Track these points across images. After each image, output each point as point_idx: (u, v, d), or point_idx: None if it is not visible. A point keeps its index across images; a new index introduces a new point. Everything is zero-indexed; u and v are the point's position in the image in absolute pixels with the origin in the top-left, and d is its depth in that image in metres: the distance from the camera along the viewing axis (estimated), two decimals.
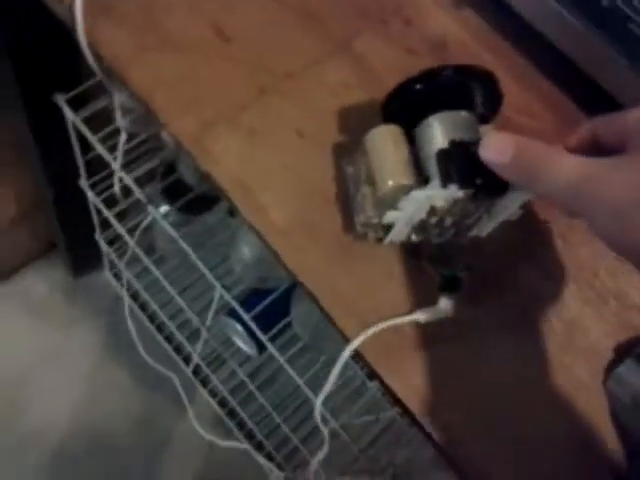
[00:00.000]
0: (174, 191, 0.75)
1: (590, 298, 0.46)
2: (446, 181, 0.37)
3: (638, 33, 0.45)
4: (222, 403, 1.08)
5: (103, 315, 1.17)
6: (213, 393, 1.10)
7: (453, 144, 0.38)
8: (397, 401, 0.41)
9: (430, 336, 0.43)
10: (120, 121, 0.59)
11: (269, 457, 1.04)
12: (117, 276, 1.09)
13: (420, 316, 0.42)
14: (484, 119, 0.41)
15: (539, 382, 0.43)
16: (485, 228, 0.42)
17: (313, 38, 0.50)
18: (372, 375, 0.42)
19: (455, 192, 0.37)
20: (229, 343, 0.93)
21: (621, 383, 0.42)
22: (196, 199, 0.73)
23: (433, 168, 0.38)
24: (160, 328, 1.14)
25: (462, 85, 0.39)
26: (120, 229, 0.83)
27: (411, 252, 0.44)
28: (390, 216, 0.40)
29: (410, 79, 0.39)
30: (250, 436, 1.07)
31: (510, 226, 0.43)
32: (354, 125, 0.47)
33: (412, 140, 0.40)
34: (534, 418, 0.42)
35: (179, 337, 1.00)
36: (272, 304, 0.69)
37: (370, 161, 0.40)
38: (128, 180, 0.66)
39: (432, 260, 0.43)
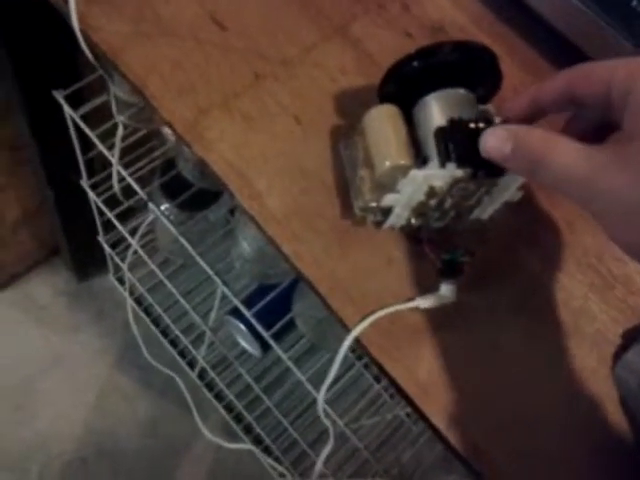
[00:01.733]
0: (174, 188, 0.75)
1: (596, 284, 0.44)
2: (444, 159, 0.36)
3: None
4: (228, 407, 1.06)
5: (108, 319, 1.17)
6: (219, 397, 1.09)
7: (451, 122, 0.37)
8: (400, 391, 0.40)
9: (432, 323, 0.41)
10: (117, 115, 0.58)
11: (277, 461, 1.03)
12: (121, 280, 1.09)
13: (421, 302, 0.41)
14: (484, 98, 0.40)
15: (547, 369, 0.42)
16: (486, 210, 0.41)
17: (309, 24, 0.49)
18: (373, 364, 0.41)
19: (454, 171, 0.36)
20: (234, 345, 0.92)
21: (629, 369, 0.41)
22: (196, 195, 0.72)
23: (431, 147, 0.37)
24: (165, 332, 1.14)
25: (461, 63, 0.38)
26: (122, 230, 0.83)
27: (411, 236, 0.43)
28: (388, 199, 0.39)
29: (407, 56, 0.38)
30: (258, 440, 1.06)
31: (513, 211, 0.41)
32: (352, 110, 0.46)
33: (411, 120, 0.39)
34: (543, 406, 0.41)
35: (184, 340, 0.99)
36: (274, 301, 0.68)
37: (367, 142, 0.39)
38: (126, 175, 0.66)
39: (433, 245, 0.42)
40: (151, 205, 0.67)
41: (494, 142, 0.34)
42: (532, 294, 0.43)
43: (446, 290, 0.41)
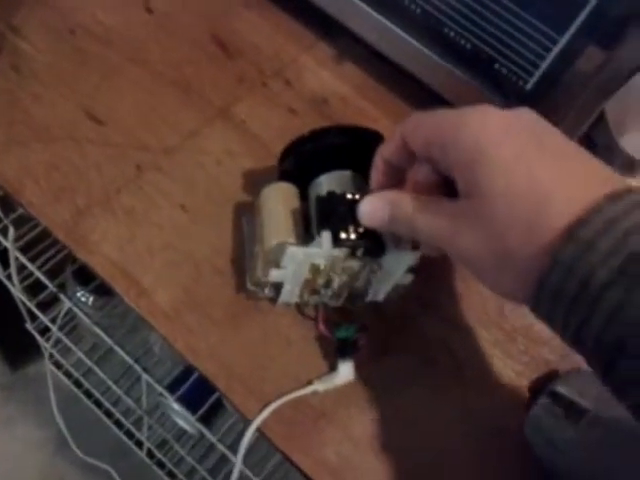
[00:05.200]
0: (88, 273, 0.73)
1: (498, 339, 0.44)
2: (320, 228, 0.36)
3: (505, 74, 0.45)
4: None
5: (47, 405, 1.12)
6: (171, 474, 1.05)
7: (330, 194, 0.37)
8: (306, 477, 0.39)
9: (334, 403, 0.41)
10: (4, 217, 0.57)
11: None
12: (58, 364, 1.05)
13: (319, 386, 0.40)
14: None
15: (453, 436, 0.41)
16: (379, 292, 0.41)
17: (191, 110, 0.49)
18: (281, 455, 0.39)
19: (331, 249, 0.36)
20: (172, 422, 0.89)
21: (536, 426, 0.41)
22: None
23: (313, 224, 0.37)
24: (108, 413, 1.10)
25: (349, 145, 0.39)
26: (43, 318, 0.80)
27: (306, 315, 0.43)
28: (273, 274, 0.38)
29: (298, 139, 0.39)
30: None
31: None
32: (242, 191, 0.46)
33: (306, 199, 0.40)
34: (458, 468, 0.40)
35: (125, 423, 0.95)
36: (199, 381, 0.66)
37: (261, 219, 0.39)
38: (33, 269, 0.64)
39: (327, 322, 0.41)
40: (63, 297, 0.65)
41: (371, 210, 0.34)
42: (436, 360, 0.43)
43: (344, 369, 0.40)
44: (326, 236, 0.36)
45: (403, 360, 0.43)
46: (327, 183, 0.38)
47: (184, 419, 0.80)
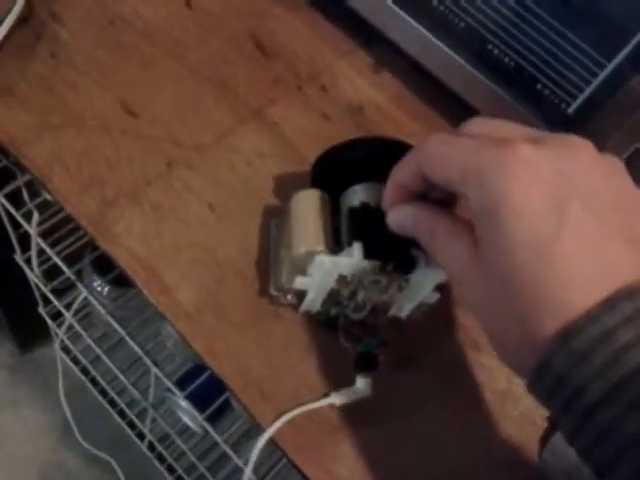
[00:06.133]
0: (106, 263, 0.72)
1: None
2: (352, 238, 0.36)
3: (547, 95, 0.44)
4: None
5: (53, 391, 1.12)
6: (171, 469, 1.05)
7: (365, 205, 0.36)
8: None
9: (349, 418, 0.40)
10: (29, 202, 0.57)
11: None
12: (67, 349, 1.05)
13: (336, 400, 0.39)
14: None
15: (477, 456, 0.40)
16: (403, 309, 0.40)
17: (225, 108, 0.49)
18: (292, 466, 0.39)
19: (361, 261, 0.35)
20: (179, 420, 0.89)
21: (556, 454, 0.40)
22: None
23: (345, 232, 0.37)
24: (113, 402, 1.10)
25: (390, 158, 0.39)
26: (57, 304, 0.80)
27: (328, 325, 0.42)
28: (299, 281, 0.38)
29: (336, 146, 0.39)
30: None
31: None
32: (270, 195, 0.46)
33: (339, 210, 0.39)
34: None
35: (129, 414, 0.95)
36: (210, 380, 0.65)
37: (290, 224, 0.39)
38: (52, 254, 0.64)
39: (348, 334, 0.41)
40: (79, 285, 0.64)
41: (396, 217, 0.33)
42: (453, 378, 0.42)
43: (361, 384, 0.39)
44: (357, 247, 0.35)
45: (421, 378, 0.42)
46: (362, 194, 0.38)
47: (189, 416, 0.80)
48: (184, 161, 0.46)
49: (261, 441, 0.39)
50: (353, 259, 0.35)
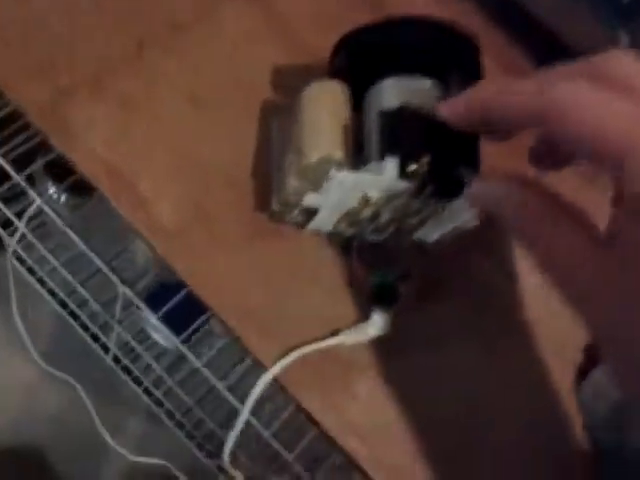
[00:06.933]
0: (63, 167, 0.63)
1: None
2: (385, 151, 0.28)
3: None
4: (148, 392, 0.98)
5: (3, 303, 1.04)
6: (138, 381, 1.01)
7: (404, 109, 0.28)
8: (331, 440, 0.33)
9: (365, 355, 0.34)
10: None
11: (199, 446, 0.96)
12: (21, 259, 0.97)
13: (347, 338, 0.33)
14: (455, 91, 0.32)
15: (504, 395, 0.36)
16: (432, 234, 0.33)
17: None
18: (298, 409, 0.33)
19: (394, 181, 0.28)
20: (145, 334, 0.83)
21: (596, 392, 0.35)
22: None
23: (374, 141, 0.29)
24: (73, 314, 1.04)
25: (435, 47, 0.30)
26: (8, 213, 0.71)
27: (340, 246, 0.35)
28: (311, 198, 0.31)
29: (362, 28, 0.30)
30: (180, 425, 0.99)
31: None
32: (266, 88, 0.37)
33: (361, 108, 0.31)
34: (506, 434, 0.35)
35: (92, 327, 0.89)
36: (187, 298, 0.59)
37: (301, 123, 0.31)
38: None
39: (363, 258, 0.34)
40: (31, 193, 0.56)
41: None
42: (484, 310, 0.37)
43: (378, 320, 0.33)
44: (391, 164, 0.28)
45: (448, 309, 0.36)
46: (396, 91, 0.29)
47: (161, 334, 0.74)
48: (158, 42, 0.37)
49: (262, 382, 0.33)
50: (383, 178, 0.28)
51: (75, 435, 1.01)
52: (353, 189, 0.30)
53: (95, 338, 1.01)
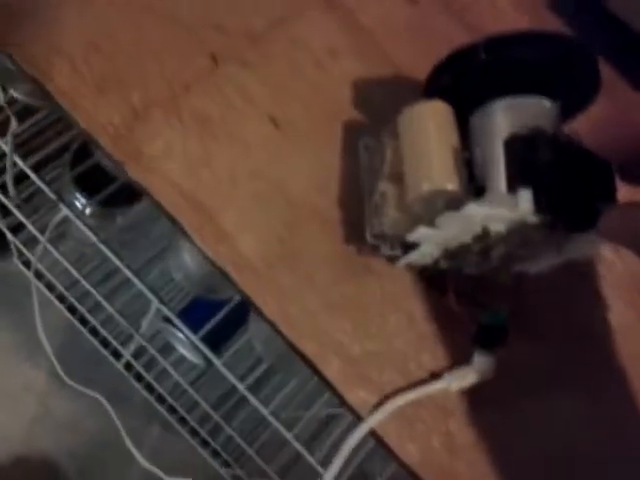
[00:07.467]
0: (90, 178, 0.60)
1: None
2: (517, 184, 0.25)
3: None
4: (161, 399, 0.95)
5: (17, 310, 1.00)
6: (161, 400, 0.97)
7: (536, 136, 0.26)
8: None
9: (464, 401, 0.31)
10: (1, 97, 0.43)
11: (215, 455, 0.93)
12: (27, 264, 0.93)
13: (452, 382, 0.30)
14: (569, 113, 0.29)
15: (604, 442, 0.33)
16: (538, 265, 0.30)
17: None
18: (394, 460, 0.30)
19: (529, 214, 0.25)
20: (169, 347, 0.80)
21: None
22: (119, 188, 0.57)
23: (495, 172, 0.26)
24: (94, 331, 1.00)
25: (549, 63, 0.27)
26: (32, 229, 0.67)
27: (434, 284, 0.32)
28: (420, 233, 0.28)
29: (470, 47, 0.27)
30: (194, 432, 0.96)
31: None
32: (351, 106, 0.34)
33: (464, 132, 0.28)
34: None
35: (112, 342, 0.86)
36: (224, 317, 0.56)
37: (401, 150, 0.28)
38: (26, 169, 0.51)
39: (461, 297, 0.31)
40: (64, 208, 0.52)
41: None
42: (587, 352, 0.34)
43: (482, 363, 0.30)
44: (525, 196, 0.25)
45: (553, 352, 0.33)
46: (511, 113, 0.26)
47: (188, 348, 0.71)
48: (233, 54, 0.33)
49: (356, 436, 0.30)
50: (518, 210, 0.25)
51: (93, 445, 0.98)
52: (476, 222, 0.27)
53: (116, 355, 0.98)
